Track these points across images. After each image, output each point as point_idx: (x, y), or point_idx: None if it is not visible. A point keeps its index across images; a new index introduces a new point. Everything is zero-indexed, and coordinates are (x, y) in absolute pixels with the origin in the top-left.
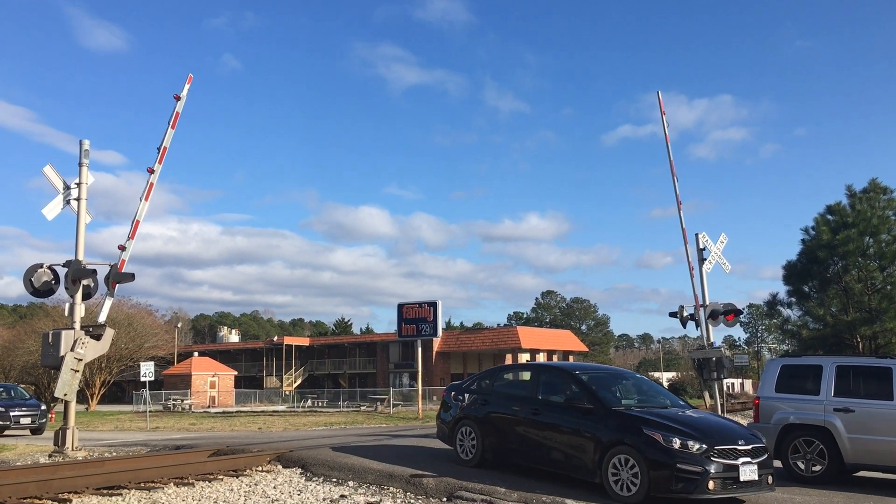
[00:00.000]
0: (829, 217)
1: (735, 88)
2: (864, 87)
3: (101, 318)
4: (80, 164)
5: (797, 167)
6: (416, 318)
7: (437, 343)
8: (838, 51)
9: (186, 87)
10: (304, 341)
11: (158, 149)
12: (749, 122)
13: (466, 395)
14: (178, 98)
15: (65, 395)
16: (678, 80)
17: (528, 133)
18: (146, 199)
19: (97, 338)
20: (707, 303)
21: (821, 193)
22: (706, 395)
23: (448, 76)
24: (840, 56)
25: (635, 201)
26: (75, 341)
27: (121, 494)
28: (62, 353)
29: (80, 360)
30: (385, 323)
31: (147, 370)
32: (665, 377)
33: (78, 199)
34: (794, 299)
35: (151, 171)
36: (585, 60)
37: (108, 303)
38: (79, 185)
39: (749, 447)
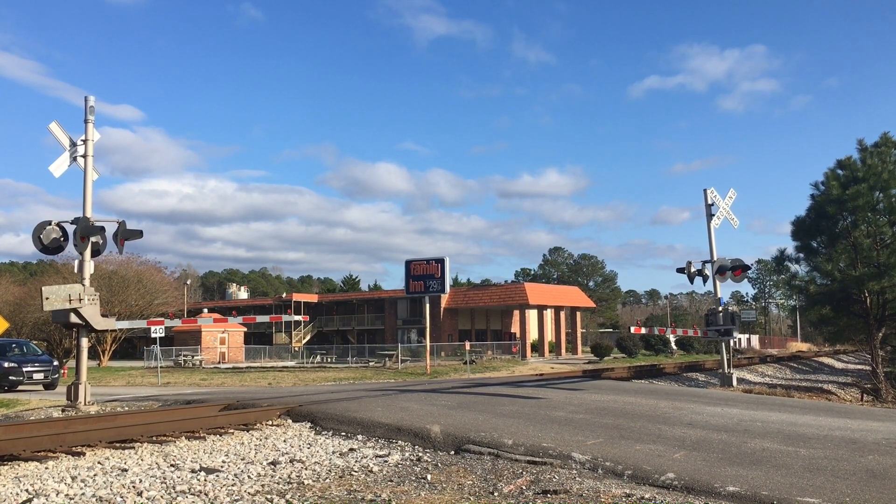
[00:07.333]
0: (840, 172)
1: (769, 38)
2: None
3: (119, 325)
4: (86, 121)
5: (823, 120)
6: (424, 274)
7: (444, 299)
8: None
9: None
10: (313, 298)
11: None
12: (781, 74)
13: None
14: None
15: (47, 298)
16: (710, 29)
17: (554, 86)
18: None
19: (103, 315)
20: (715, 258)
21: (842, 147)
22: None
23: (475, 26)
24: (876, 4)
25: (657, 156)
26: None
27: (133, 448)
28: None
29: (81, 300)
30: (398, 280)
31: (157, 326)
32: (672, 335)
33: (84, 156)
34: (802, 255)
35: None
36: (616, 8)
37: (129, 325)
38: (85, 141)
39: None
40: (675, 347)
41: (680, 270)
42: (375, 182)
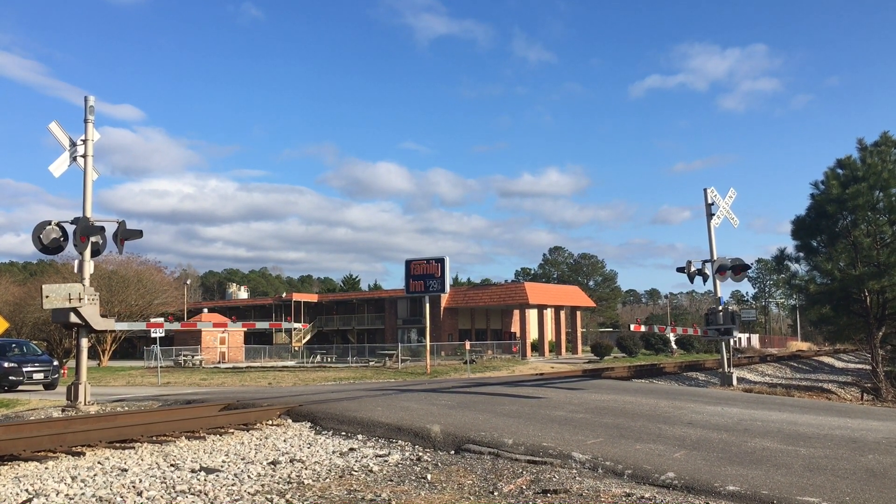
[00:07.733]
0: (840, 171)
1: (770, 38)
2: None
3: (118, 326)
4: (86, 121)
5: (823, 119)
6: (424, 274)
7: (444, 299)
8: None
9: None
10: (313, 297)
11: None
12: (781, 73)
13: None
14: None
15: (47, 296)
16: (711, 28)
17: (554, 85)
18: None
19: (103, 315)
20: (715, 258)
21: (843, 146)
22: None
23: (476, 26)
24: (876, 3)
25: (658, 155)
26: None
27: (133, 448)
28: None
29: (80, 299)
30: (398, 279)
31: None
32: (672, 334)
33: (84, 156)
34: (802, 254)
35: None
36: (617, 8)
37: (129, 326)
38: (85, 141)
39: None
40: (675, 347)
41: (680, 270)
42: (376, 182)
